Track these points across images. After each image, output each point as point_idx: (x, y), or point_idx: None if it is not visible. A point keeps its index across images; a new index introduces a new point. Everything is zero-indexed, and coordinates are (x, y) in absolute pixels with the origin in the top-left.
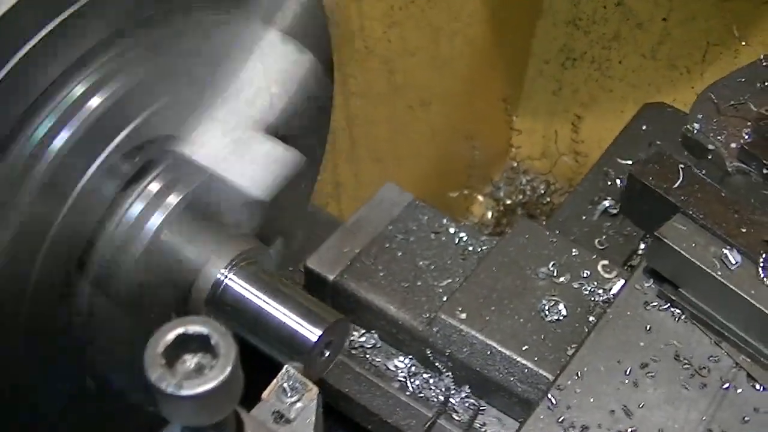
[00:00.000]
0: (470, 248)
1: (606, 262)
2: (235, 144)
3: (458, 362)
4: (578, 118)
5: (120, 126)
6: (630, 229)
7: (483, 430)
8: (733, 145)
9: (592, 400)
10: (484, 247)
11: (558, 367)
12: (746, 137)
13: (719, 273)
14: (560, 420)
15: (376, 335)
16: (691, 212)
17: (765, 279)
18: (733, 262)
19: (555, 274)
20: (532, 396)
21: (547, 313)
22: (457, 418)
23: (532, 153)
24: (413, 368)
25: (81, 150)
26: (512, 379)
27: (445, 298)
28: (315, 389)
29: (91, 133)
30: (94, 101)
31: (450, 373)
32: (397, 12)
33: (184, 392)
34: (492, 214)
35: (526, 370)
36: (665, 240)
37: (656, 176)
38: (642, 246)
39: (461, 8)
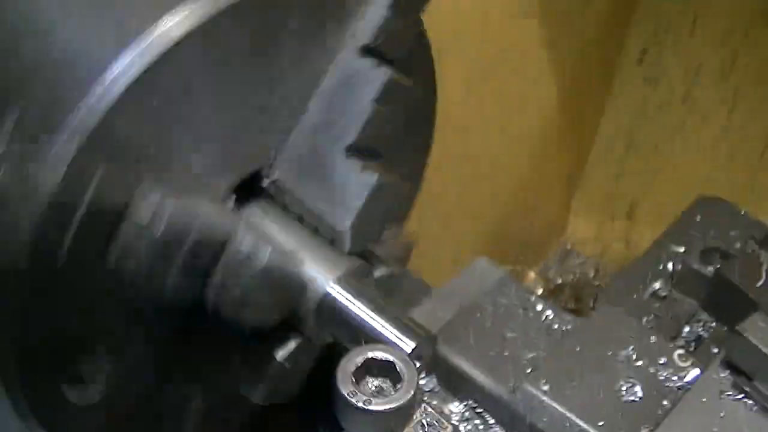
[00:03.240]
0: (555, 326)
1: (681, 351)
2: (314, 169)
3: (536, 429)
4: (635, 205)
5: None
6: (677, 310)
7: None
8: None
9: None
10: (568, 326)
11: None
12: None
13: None
14: None
15: (435, 379)
16: None
17: None
18: None
19: (634, 357)
20: None
21: (624, 392)
22: None
23: (585, 235)
24: (467, 414)
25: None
26: None
27: (529, 370)
28: (450, 427)
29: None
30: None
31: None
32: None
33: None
34: (542, 292)
35: None
36: (744, 335)
37: (741, 274)
38: (686, 329)
39: (538, 78)
